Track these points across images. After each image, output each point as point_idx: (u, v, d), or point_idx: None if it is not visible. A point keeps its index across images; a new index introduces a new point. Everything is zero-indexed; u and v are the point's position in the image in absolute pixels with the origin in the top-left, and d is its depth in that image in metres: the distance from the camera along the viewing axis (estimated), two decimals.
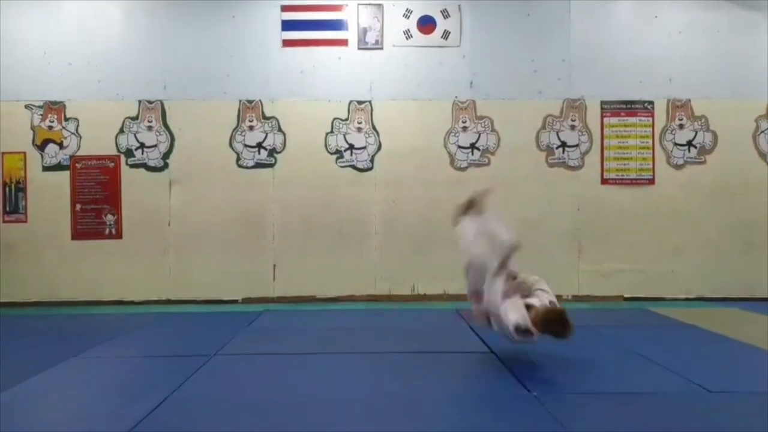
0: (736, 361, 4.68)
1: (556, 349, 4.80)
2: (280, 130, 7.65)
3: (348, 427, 3.31)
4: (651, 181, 7.70)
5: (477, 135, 7.69)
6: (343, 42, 7.68)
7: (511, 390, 3.92)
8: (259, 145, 7.66)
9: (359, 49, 7.69)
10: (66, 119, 7.58)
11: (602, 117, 7.71)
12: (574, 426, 3.21)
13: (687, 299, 7.59)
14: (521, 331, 4.00)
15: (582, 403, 3.63)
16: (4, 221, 7.55)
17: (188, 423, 3.39)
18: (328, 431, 3.25)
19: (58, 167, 7.58)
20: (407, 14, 7.65)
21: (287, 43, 7.66)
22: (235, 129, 7.65)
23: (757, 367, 4.46)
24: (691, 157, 7.71)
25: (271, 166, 7.67)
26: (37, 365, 4.48)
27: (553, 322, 4.00)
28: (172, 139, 7.63)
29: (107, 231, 7.60)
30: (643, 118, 7.71)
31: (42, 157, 7.57)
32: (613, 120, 7.72)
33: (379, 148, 7.68)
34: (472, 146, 7.70)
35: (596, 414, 3.47)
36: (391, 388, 4.06)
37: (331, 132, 7.67)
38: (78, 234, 7.58)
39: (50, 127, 7.57)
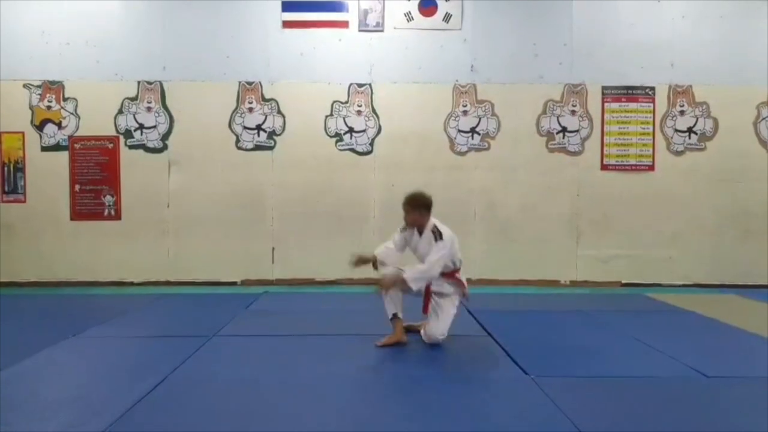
0: (734, 347, 4.71)
1: (554, 334, 4.84)
2: (279, 112, 7.62)
3: (346, 407, 3.33)
4: (651, 168, 7.69)
5: (477, 119, 7.67)
6: (344, 24, 7.62)
7: (508, 373, 3.94)
8: (259, 128, 7.63)
9: (360, 31, 7.63)
10: (65, 99, 7.54)
11: (603, 102, 7.68)
12: (572, 409, 3.23)
13: (685, 285, 7.62)
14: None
15: (579, 387, 3.65)
16: (2, 201, 7.53)
17: (187, 402, 3.41)
18: (326, 411, 3.26)
19: (57, 147, 7.55)
20: None
21: (287, 24, 7.60)
22: (235, 111, 7.61)
23: (754, 353, 4.49)
24: (692, 144, 7.69)
25: (270, 148, 7.64)
26: (35, 345, 4.50)
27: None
28: (171, 120, 7.60)
29: (106, 212, 7.59)
30: (644, 104, 7.68)
31: (41, 137, 7.54)
32: (614, 105, 7.69)
33: (379, 131, 7.66)
34: (473, 130, 7.67)
35: (594, 397, 3.49)
36: (388, 370, 4.09)
37: (331, 115, 7.64)
38: (77, 215, 7.58)
39: (49, 107, 7.53)
